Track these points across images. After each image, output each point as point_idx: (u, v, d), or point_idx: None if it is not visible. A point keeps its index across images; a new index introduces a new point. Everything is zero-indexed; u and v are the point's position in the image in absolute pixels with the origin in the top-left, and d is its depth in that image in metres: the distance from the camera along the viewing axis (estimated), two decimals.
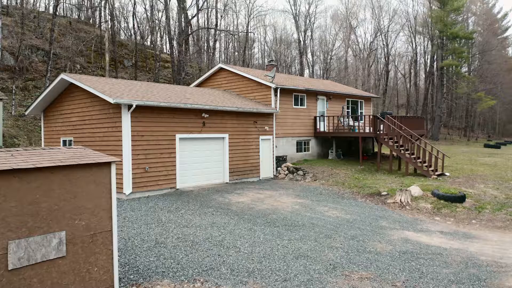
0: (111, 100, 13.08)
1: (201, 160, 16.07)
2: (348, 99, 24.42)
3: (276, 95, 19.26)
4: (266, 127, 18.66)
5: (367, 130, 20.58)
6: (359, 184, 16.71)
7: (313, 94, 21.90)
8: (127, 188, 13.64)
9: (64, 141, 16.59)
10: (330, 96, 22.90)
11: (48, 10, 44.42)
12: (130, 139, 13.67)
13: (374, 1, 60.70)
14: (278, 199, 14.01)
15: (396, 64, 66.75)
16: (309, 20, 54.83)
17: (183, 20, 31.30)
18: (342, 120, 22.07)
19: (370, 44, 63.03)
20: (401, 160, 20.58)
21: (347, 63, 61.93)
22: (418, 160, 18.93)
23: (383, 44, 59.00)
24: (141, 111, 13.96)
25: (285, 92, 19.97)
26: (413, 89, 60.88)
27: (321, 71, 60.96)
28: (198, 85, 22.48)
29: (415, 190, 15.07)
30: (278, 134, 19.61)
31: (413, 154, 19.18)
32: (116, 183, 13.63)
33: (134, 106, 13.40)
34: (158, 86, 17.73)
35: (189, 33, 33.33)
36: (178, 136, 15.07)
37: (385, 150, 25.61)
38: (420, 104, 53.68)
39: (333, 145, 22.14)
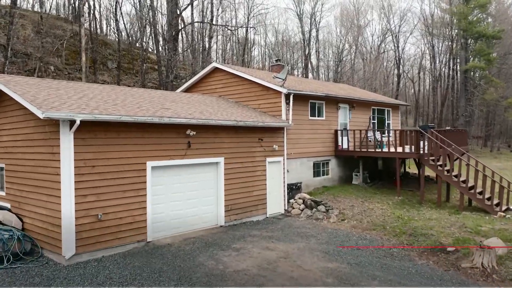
0: (40, 114, 8.36)
1: (184, 197, 11.32)
2: (374, 107, 19.74)
3: (288, 103, 14.56)
4: (274, 146, 13.96)
5: (403, 149, 15.82)
6: (406, 227, 11.97)
7: (333, 102, 17.21)
8: (68, 248, 8.87)
9: None
10: (353, 104, 18.21)
11: (23, 5, 39.72)
12: (73, 172, 8.93)
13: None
14: (299, 263, 9.24)
15: (404, 68, 62.28)
16: (314, 20, 50.28)
17: (171, 11, 26.55)
18: (370, 135, 17.39)
19: (378, 47, 58.57)
20: (450, 187, 15.89)
21: (354, 66, 57.34)
22: (477, 192, 14.24)
23: (395, 46, 54.50)
24: (91, 130, 9.23)
25: (299, 99, 15.28)
26: (428, 94, 56.33)
27: (325, 76, 56.39)
28: (187, 90, 17.76)
29: (495, 242, 10.37)
30: (290, 154, 14.89)
31: (466, 181, 14.52)
32: (53, 239, 8.87)
33: (78, 122, 8.66)
34: (127, 91, 12.98)
35: (180, 28, 28.64)
36: (150, 164, 10.33)
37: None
38: (438, 111, 49.05)
39: (359, 166, 17.41)
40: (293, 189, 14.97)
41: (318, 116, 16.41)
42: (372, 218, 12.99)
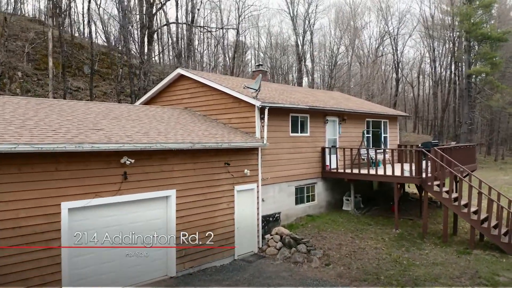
0: None
1: (120, 243, 8.80)
2: (369, 119, 17.25)
3: (262, 118, 12.07)
4: (246, 171, 11.46)
5: (402, 171, 13.27)
6: (405, 278, 9.47)
7: (320, 115, 14.74)
8: None
9: None
10: (344, 116, 15.73)
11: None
12: None
13: (381, 0, 53.96)
14: None
15: (403, 72, 59.99)
16: (309, 22, 47.83)
17: (144, 10, 24.04)
18: (364, 152, 14.97)
19: (376, 50, 56.21)
20: (458, 216, 13.37)
21: (350, 70, 54.93)
22: (492, 226, 11.76)
23: (393, 50, 52.16)
24: None
25: (278, 112, 12.82)
26: (428, 99, 53.95)
27: (321, 80, 54.02)
28: (150, 100, 15.27)
29: None
30: (266, 179, 12.40)
31: (478, 211, 12.05)
32: None
33: None
34: (57, 106, 10.43)
35: (155, 29, 26.17)
36: (66, 205, 7.81)
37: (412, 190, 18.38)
38: (438, 118, 46.60)
39: (350, 190, 14.90)
40: (269, 222, 12.47)
41: (301, 132, 13.92)
42: (363, 263, 10.46)
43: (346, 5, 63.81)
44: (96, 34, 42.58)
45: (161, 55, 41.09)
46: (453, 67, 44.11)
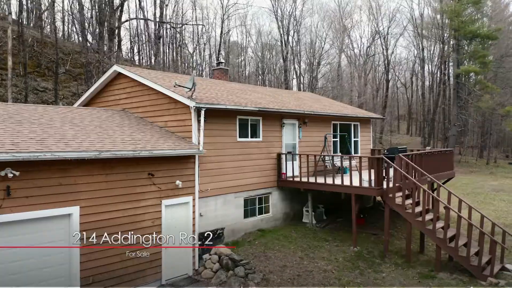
0: None
1: (6, 271, 7.34)
2: (335, 122, 15.79)
3: (199, 121, 10.61)
4: (178, 182, 10.00)
5: (360, 181, 11.78)
6: None
7: (276, 117, 13.28)
8: None
9: None
10: (305, 119, 14.27)
11: None
12: None
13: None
14: None
15: (395, 72, 58.64)
16: (295, 20, 46.39)
17: (102, 5, 22.57)
18: (328, 158, 13.54)
19: (367, 49, 54.81)
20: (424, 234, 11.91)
21: (340, 70, 53.48)
22: (463, 244, 10.33)
23: (382, 49, 50.78)
24: None
25: (222, 114, 11.39)
26: (422, 101, 52.62)
27: (310, 80, 52.60)
28: (87, 103, 13.79)
29: None
30: (205, 191, 10.95)
31: (444, 227, 10.62)
32: None
33: None
34: None
35: (116, 25, 24.68)
36: None
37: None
38: (429, 119, 45.13)
39: (309, 201, 13.44)
40: (210, 239, 10.99)
41: (252, 137, 12.46)
42: None
43: (335, 4, 62.37)
44: (77, 33, 41.16)
45: (141, 55, 39.68)
46: (442, 67, 42.71)
